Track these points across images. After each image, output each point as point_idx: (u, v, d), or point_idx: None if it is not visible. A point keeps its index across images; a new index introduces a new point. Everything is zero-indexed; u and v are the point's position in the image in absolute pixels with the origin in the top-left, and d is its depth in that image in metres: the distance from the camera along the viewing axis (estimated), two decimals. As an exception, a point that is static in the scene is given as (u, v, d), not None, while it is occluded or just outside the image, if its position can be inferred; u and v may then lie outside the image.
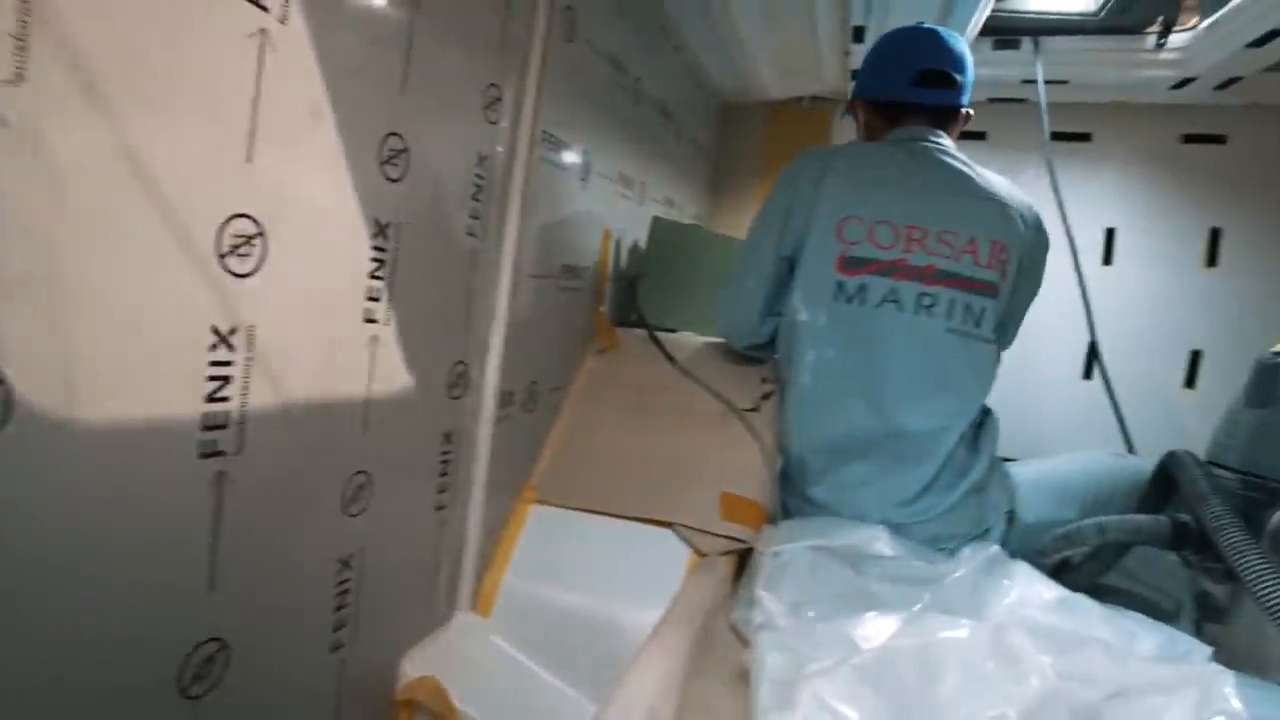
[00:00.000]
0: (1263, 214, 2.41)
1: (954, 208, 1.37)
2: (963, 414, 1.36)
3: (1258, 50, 1.84)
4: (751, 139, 2.78)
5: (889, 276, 1.35)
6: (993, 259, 1.36)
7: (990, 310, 1.36)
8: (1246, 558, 1.02)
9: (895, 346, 1.34)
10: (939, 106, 1.45)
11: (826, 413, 1.40)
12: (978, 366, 1.38)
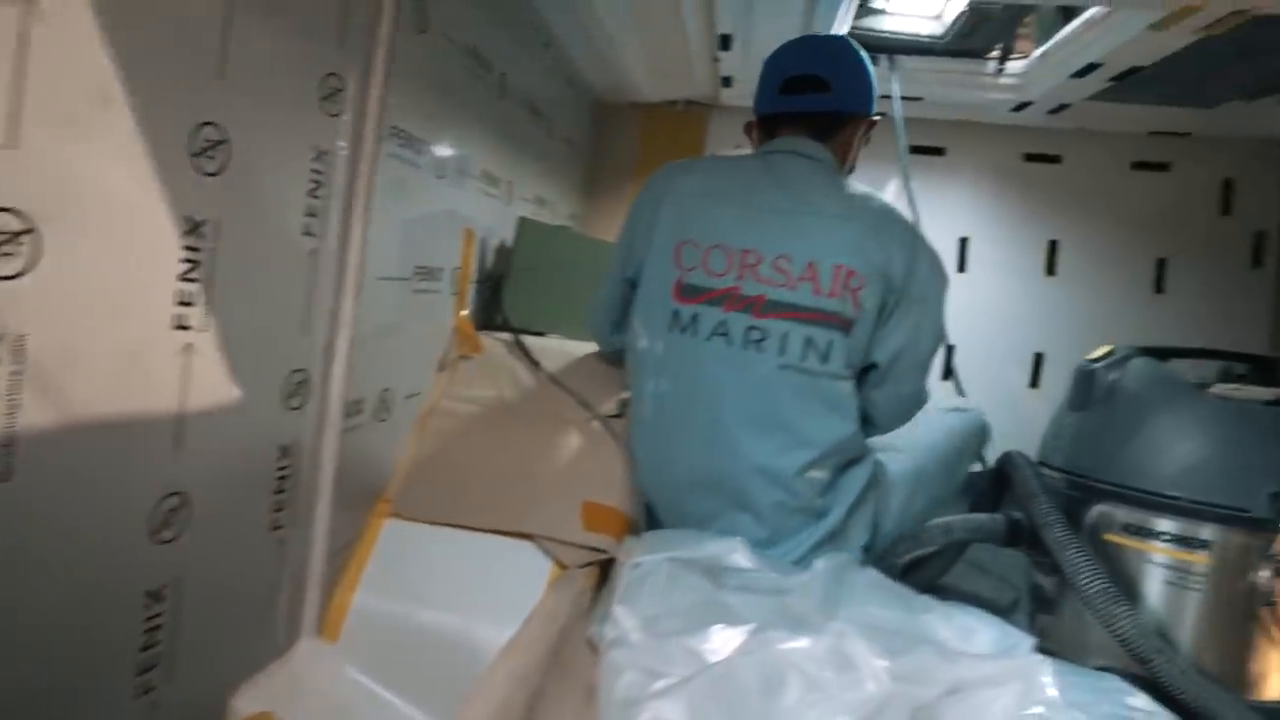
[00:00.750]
0: (1093, 229, 2.64)
1: (796, 229, 1.23)
2: (806, 456, 1.23)
3: (1080, 80, 2.00)
4: (626, 140, 2.77)
5: (720, 307, 1.24)
6: (838, 287, 1.20)
7: (839, 344, 1.21)
8: (1068, 551, 1.09)
9: (726, 383, 1.24)
10: (811, 113, 1.32)
11: (665, 447, 1.32)
12: (821, 405, 1.23)
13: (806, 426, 1.23)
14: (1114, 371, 1.16)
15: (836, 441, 1.25)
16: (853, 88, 1.35)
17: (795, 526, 1.26)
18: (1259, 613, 1.04)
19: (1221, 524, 1.05)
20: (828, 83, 1.32)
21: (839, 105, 1.33)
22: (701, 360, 1.26)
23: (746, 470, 1.25)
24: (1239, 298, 2.62)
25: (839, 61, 1.35)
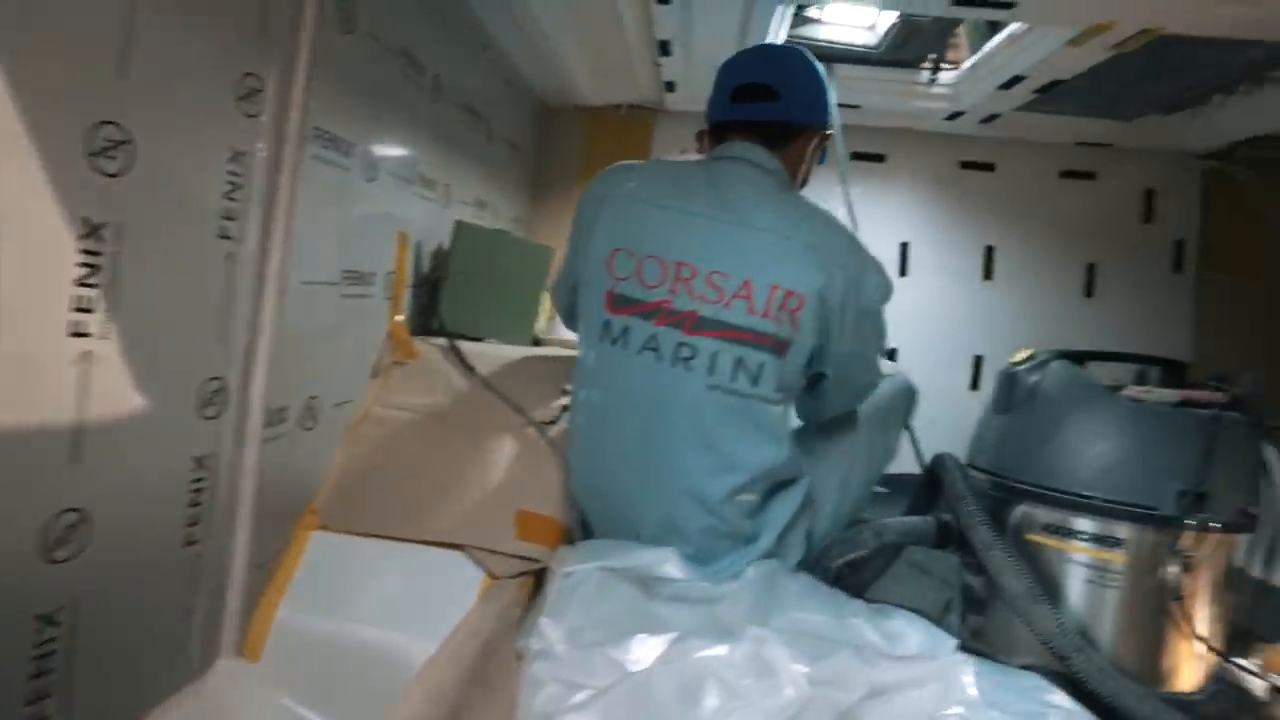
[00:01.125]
0: (1026, 235, 2.72)
1: (733, 243, 1.19)
2: (735, 480, 1.20)
3: (1007, 91, 2.06)
4: (571, 143, 2.76)
5: (651, 321, 1.20)
6: (773, 307, 1.16)
7: (771, 366, 1.18)
8: (992, 552, 1.11)
9: (654, 400, 1.21)
10: (760, 122, 1.29)
11: (596, 459, 1.28)
12: (750, 428, 1.20)
13: (735, 450, 1.20)
14: (1034, 375, 1.19)
15: (766, 466, 1.22)
16: (803, 99, 1.32)
17: (724, 550, 1.22)
18: (1170, 608, 1.08)
19: (1134, 522, 1.08)
20: (777, 92, 1.29)
21: (788, 115, 1.30)
22: (631, 374, 1.22)
23: (674, 492, 1.21)
24: (1163, 301, 2.72)
25: (790, 72, 1.33)
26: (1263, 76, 2.04)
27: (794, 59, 1.34)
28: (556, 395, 1.51)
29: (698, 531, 1.21)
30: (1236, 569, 1.14)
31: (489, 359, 1.59)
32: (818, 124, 1.34)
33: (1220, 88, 2.16)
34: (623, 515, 1.26)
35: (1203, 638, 1.08)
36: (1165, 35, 1.60)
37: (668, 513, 1.22)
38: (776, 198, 1.24)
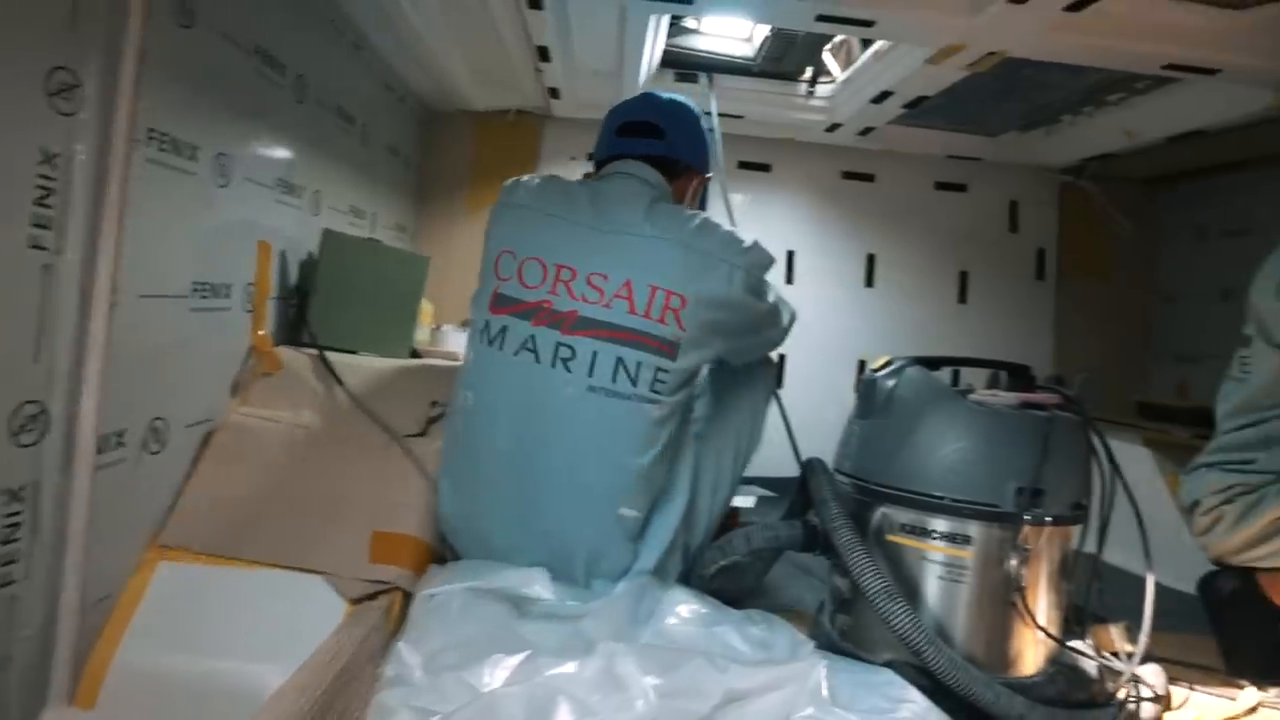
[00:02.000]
0: (905, 244, 2.85)
1: (614, 248, 1.21)
2: (615, 487, 1.20)
3: (879, 106, 2.15)
4: (459, 149, 2.71)
5: (529, 321, 1.21)
6: (653, 307, 1.18)
7: (649, 365, 1.18)
8: (853, 554, 1.15)
9: (531, 404, 1.20)
10: (645, 155, 1.34)
11: (468, 463, 1.26)
12: (630, 431, 1.20)
13: (615, 454, 1.19)
14: (891, 381, 1.23)
15: (645, 472, 1.21)
16: (686, 141, 1.38)
17: (605, 569, 1.22)
18: (1013, 598, 1.14)
19: (980, 520, 1.13)
20: (663, 130, 1.35)
21: (671, 152, 1.35)
22: (507, 376, 1.22)
23: (553, 502, 1.20)
24: (1027, 306, 2.91)
25: (674, 116, 1.38)
26: (1102, 100, 2.21)
27: (678, 104, 1.41)
28: (427, 409, 1.47)
29: (580, 544, 1.20)
30: (1073, 556, 1.22)
31: (359, 372, 1.53)
32: (699, 167, 1.41)
33: (1067, 109, 2.33)
34: (498, 524, 1.23)
35: (1040, 625, 1.15)
36: (1013, 59, 1.70)
37: (546, 527, 1.20)
38: (657, 208, 1.27)
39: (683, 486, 1.31)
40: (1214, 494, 1.43)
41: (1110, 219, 2.87)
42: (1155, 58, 1.65)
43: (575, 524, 1.20)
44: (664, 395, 1.21)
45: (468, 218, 2.71)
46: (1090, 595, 1.26)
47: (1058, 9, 1.43)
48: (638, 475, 1.21)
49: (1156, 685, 1.25)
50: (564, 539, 1.21)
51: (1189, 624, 1.51)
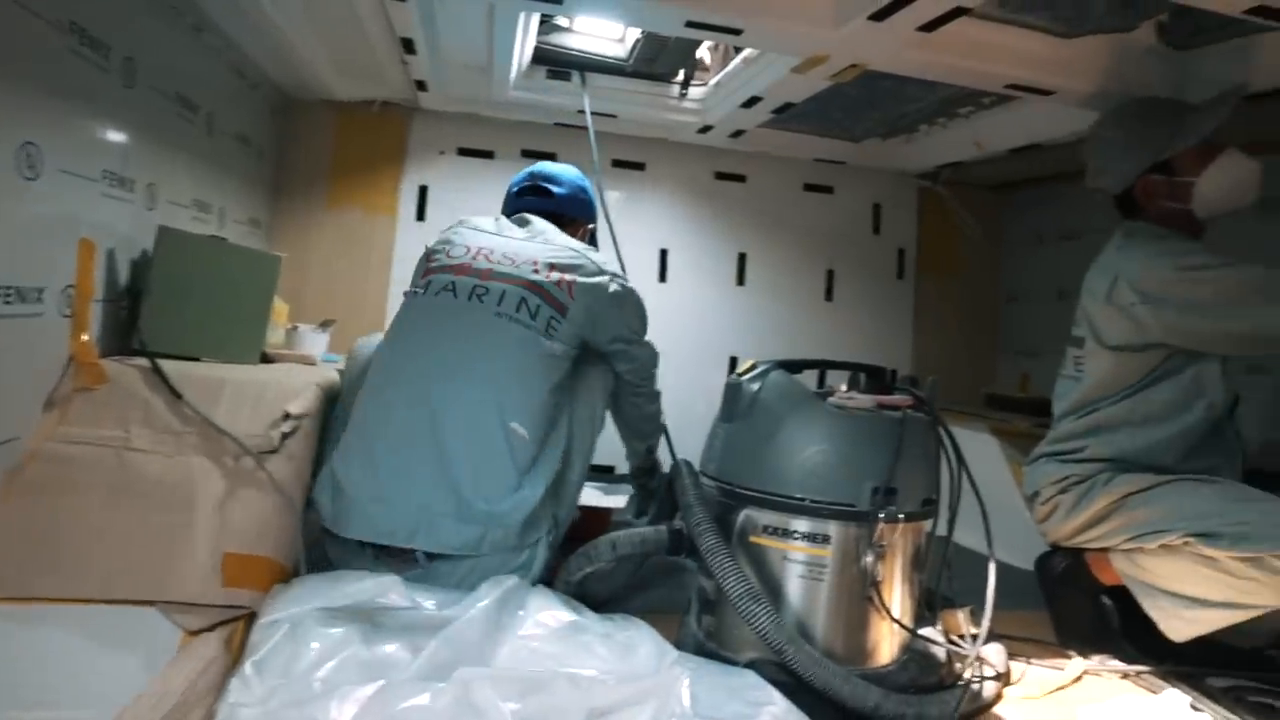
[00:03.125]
0: (775, 243, 2.92)
1: (528, 245, 1.53)
2: (509, 401, 1.37)
3: (749, 110, 2.20)
4: (319, 140, 2.55)
5: (450, 274, 1.46)
6: (552, 275, 1.47)
7: (547, 310, 1.43)
8: (716, 557, 1.16)
9: (442, 330, 1.42)
10: (538, 210, 1.64)
11: (375, 396, 1.41)
12: (525, 354, 1.41)
13: (512, 372, 1.39)
14: (755, 385, 1.26)
15: (535, 400, 1.40)
16: (571, 199, 1.70)
17: (490, 490, 1.32)
18: (869, 593, 1.18)
19: (838, 520, 1.18)
20: (551, 193, 1.67)
21: (559, 209, 1.67)
22: (427, 310, 1.45)
23: (450, 417, 1.34)
24: (888, 304, 3.06)
25: (562, 181, 1.70)
26: (954, 113, 2.35)
27: (566, 172, 1.73)
28: (279, 420, 1.37)
29: (468, 454, 1.33)
30: (925, 548, 1.28)
31: (201, 382, 1.41)
32: (584, 218, 1.73)
33: (924, 119, 2.46)
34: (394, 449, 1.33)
35: (893, 617, 1.20)
36: (873, 72, 1.78)
37: (441, 438, 1.32)
38: (554, 238, 1.58)
39: (559, 451, 1.46)
40: (1051, 484, 1.55)
41: (962, 222, 3.06)
42: (998, 78, 1.77)
43: (468, 433, 1.34)
44: (557, 339, 1.44)
45: (329, 212, 2.57)
46: (940, 583, 1.34)
47: (912, 28, 1.49)
48: (529, 397, 1.40)
49: (998, 664, 1.34)
50: (456, 449, 1.32)
51: (1033, 601, 1.63)
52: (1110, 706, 1.30)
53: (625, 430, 1.83)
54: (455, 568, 1.30)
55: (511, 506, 1.33)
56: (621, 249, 2.49)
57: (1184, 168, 1.50)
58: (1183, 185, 1.50)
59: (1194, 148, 1.49)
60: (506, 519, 1.32)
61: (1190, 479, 1.42)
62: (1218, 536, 1.27)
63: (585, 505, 1.97)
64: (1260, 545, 1.23)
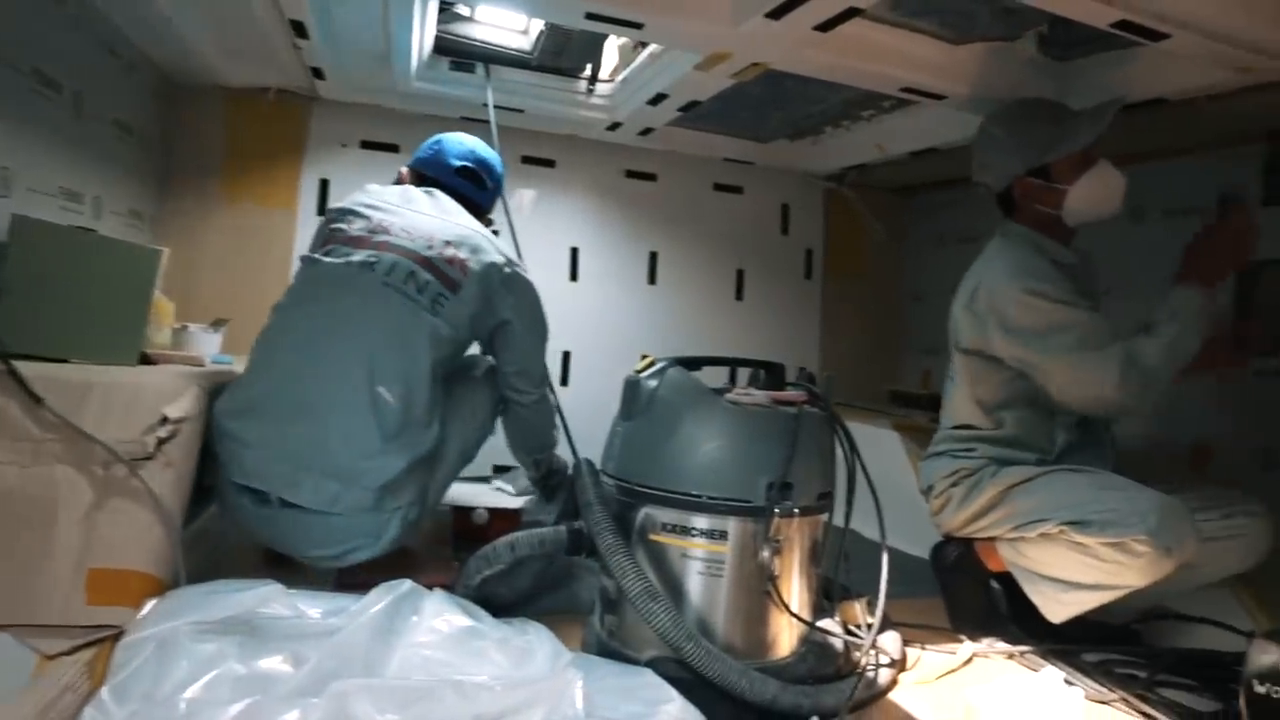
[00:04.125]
0: (686, 242, 2.94)
1: (431, 220, 1.56)
2: (377, 370, 1.39)
3: (656, 108, 2.20)
4: (211, 128, 2.41)
5: (348, 246, 1.51)
6: (446, 253, 1.51)
7: (433, 287, 1.47)
8: (615, 556, 1.15)
9: (331, 295, 1.46)
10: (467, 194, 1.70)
11: (263, 353, 1.46)
12: (404, 325, 1.44)
13: (388, 339, 1.42)
14: (653, 382, 1.25)
15: (411, 370, 1.43)
16: (492, 194, 1.78)
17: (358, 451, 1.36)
18: (767, 587, 1.20)
19: (735, 515, 1.18)
20: (485, 184, 1.74)
21: (482, 201, 1.74)
22: (318, 275, 1.49)
23: (324, 376, 1.38)
24: (797, 303, 3.12)
25: (495, 177, 1.77)
26: (857, 115, 2.42)
27: (499, 166, 1.80)
28: (155, 424, 1.29)
29: (336, 420, 1.36)
30: (822, 541, 1.31)
31: (64, 384, 1.30)
32: (488, 210, 1.79)
33: (828, 121, 2.52)
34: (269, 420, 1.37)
35: (791, 610, 1.22)
36: (776, 71, 1.80)
37: (312, 399, 1.37)
38: (459, 214, 1.63)
39: (432, 433, 1.47)
40: (943, 479, 1.61)
41: (867, 224, 3.15)
42: (894, 81, 1.82)
43: (336, 392, 1.38)
44: (442, 317, 1.48)
45: (223, 204, 2.44)
46: (838, 574, 1.37)
47: (808, 27, 1.52)
48: (403, 367, 1.42)
49: (893, 651, 1.38)
50: (323, 406, 1.37)
51: (931, 588, 1.69)
52: (996, 687, 1.36)
53: (512, 441, 1.83)
54: (308, 520, 1.36)
55: (371, 468, 1.36)
56: (532, 247, 2.47)
57: (1060, 174, 1.56)
58: (1056, 191, 1.55)
59: (1071, 156, 1.55)
60: (364, 479, 1.36)
61: (1065, 470, 1.50)
62: (1088, 524, 1.34)
63: (493, 507, 1.94)
64: (1124, 531, 1.30)
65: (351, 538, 1.40)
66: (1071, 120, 1.57)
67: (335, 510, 1.35)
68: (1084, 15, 1.32)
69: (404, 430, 1.41)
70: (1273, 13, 1.31)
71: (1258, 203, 1.96)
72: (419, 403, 1.44)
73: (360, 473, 1.36)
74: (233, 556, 1.58)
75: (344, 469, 1.35)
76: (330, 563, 1.43)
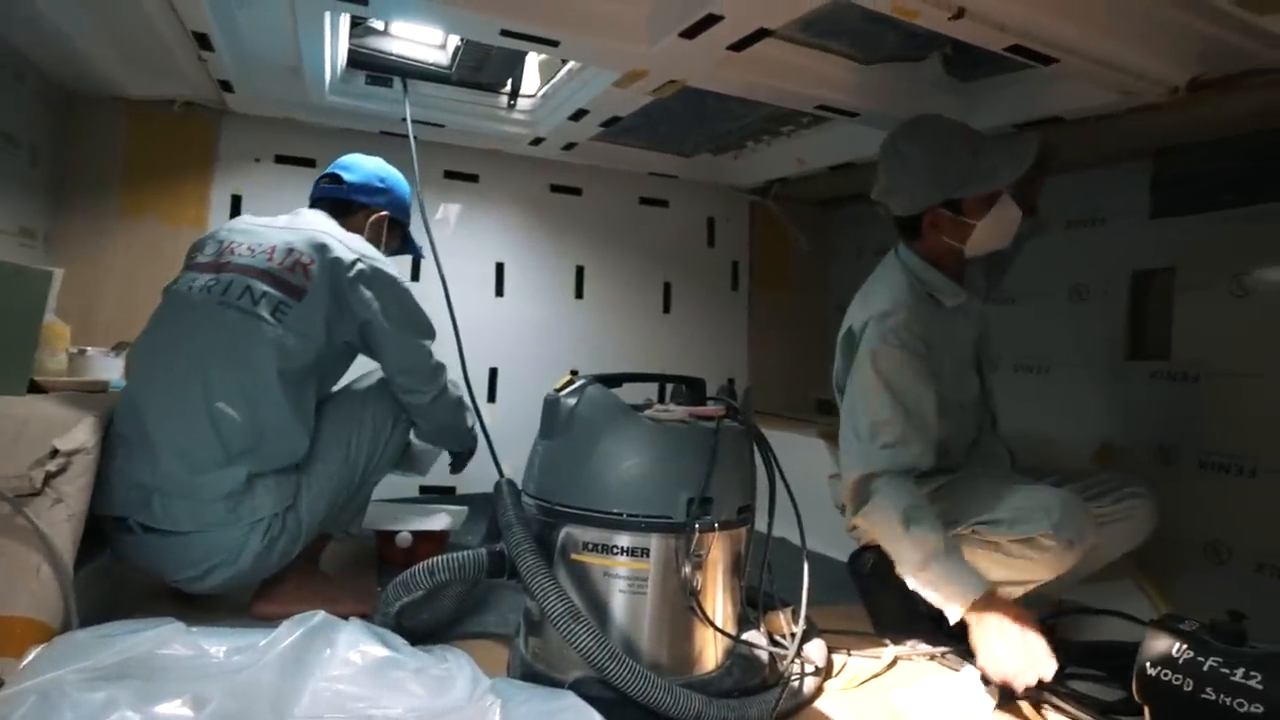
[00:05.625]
0: (613, 257, 2.94)
1: (281, 233, 1.56)
2: (216, 387, 1.40)
3: (577, 123, 2.20)
4: (110, 142, 2.30)
5: (196, 272, 1.52)
6: (287, 261, 1.50)
7: (271, 298, 1.46)
8: (536, 578, 1.14)
9: (174, 319, 1.48)
10: (327, 197, 1.73)
11: (123, 395, 1.46)
12: (242, 339, 1.43)
13: (226, 355, 1.42)
14: (572, 400, 1.24)
15: (253, 384, 1.42)
16: (363, 186, 1.74)
17: (199, 465, 1.36)
18: (690, 603, 1.20)
19: (657, 532, 1.18)
20: (342, 179, 1.73)
21: (348, 195, 1.72)
22: (169, 305, 1.51)
23: (165, 394, 1.40)
24: (724, 315, 3.16)
25: (355, 169, 1.75)
26: (777, 131, 2.47)
27: (366, 161, 1.78)
28: (44, 457, 1.21)
29: (173, 435, 1.37)
30: (746, 553, 1.32)
31: (-60, 417, 1.22)
32: (374, 206, 1.74)
33: (750, 136, 2.57)
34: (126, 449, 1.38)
35: (714, 624, 1.22)
36: (694, 88, 1.83)
37: (157, 411, 1.39)
38: (315, 223, 1.61)
39: (293, 447, 1.47)
40: None
41: (791, 235, 3.22)
42: (808, 99, 1.87)
43: (175, 414, 1.39)
44: (287, 326, 1.46)
45: (125, 223, 2.32)
46: (762, 586, 1.38)
47: (722, 47, 1.55)
48: (244, 381, 1.42)
49: (818, 659, 1.40)
50: (164, 430, 1.37)
51: (855, 595, 1.72)
52: (918, 689, 1.39)
53: (434, 445, 1.80)
54: (167, 542, 1.37)
55: (209, 480, 1.37)
56: (457, 263, 2.43)
57: (970, 209, 1.54)
58: (965, 225, 1.55)
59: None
60: (203, 492, 1.36)
61: (970, 475, 1.56)
62: (997, 523, 1.39)
63: (417, 529, 1.89)
64: (1030, 528, 1.36)
65: (209, 555, 1.39)
66: (987, 152, 1.54)
67: (186, 528, 1.36)
68: (980, 40, 1.38)
69: (257, 444, 1.41)
70: (1145, 40, 1.40)
71: (1145, 215, 2.09)
72: (270, 415, 1.43)
73: (199, 486, 1.36)
74: (136, 595, 1.50)
75: (185, 485, 1.36)
76: (196, 585, 1.41)
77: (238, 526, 1.38)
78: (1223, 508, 1.89)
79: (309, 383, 1.51)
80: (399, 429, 1.63)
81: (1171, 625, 1.16)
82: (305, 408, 1.50)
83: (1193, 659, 1.08)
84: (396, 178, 1.81)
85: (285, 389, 1.44)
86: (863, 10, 1.31)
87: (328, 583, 1.64)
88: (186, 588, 1.43)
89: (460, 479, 2.14)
